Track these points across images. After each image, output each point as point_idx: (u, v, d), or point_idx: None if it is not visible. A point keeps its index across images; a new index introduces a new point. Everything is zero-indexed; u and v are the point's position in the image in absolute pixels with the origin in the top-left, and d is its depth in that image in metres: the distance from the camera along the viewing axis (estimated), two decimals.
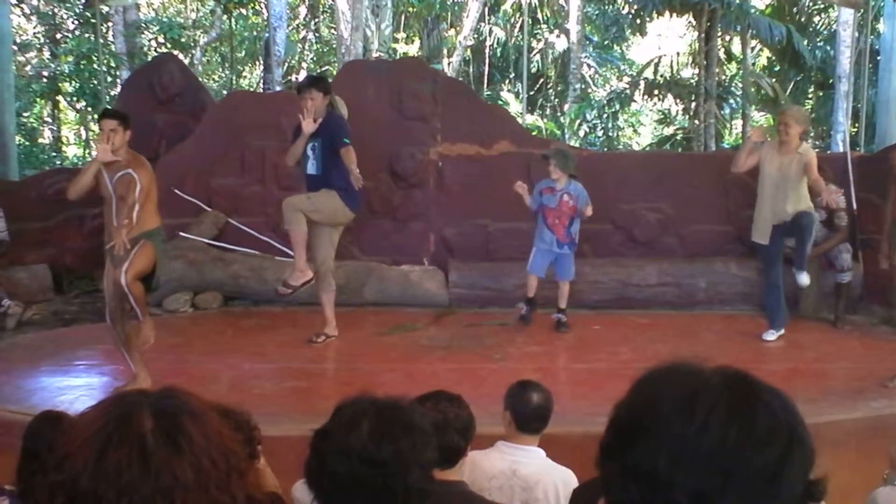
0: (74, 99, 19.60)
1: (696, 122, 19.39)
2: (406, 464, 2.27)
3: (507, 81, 26.64)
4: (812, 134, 23.15)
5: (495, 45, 26.01)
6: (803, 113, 9.60)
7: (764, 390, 1.30)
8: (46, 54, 20.53)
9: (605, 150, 20.52)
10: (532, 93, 24.80)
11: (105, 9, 15.64)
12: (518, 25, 24.90)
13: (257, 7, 21.70)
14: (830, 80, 19.99)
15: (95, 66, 16.48)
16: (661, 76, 22.09)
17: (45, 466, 1.39)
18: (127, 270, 6.40)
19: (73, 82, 18.65)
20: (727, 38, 22.16)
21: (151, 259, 6.65)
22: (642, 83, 22.09)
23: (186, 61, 17.21)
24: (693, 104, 20.07)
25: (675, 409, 1.26)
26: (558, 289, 8.92)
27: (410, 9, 23.31)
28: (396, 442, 2.27)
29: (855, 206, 9.51)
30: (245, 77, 25.21)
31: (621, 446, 1.30)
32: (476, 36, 24.62)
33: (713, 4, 17.90)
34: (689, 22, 21.19)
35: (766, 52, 23.95)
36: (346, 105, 8.46)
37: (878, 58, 17.27)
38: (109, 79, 17.20)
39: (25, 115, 20.19)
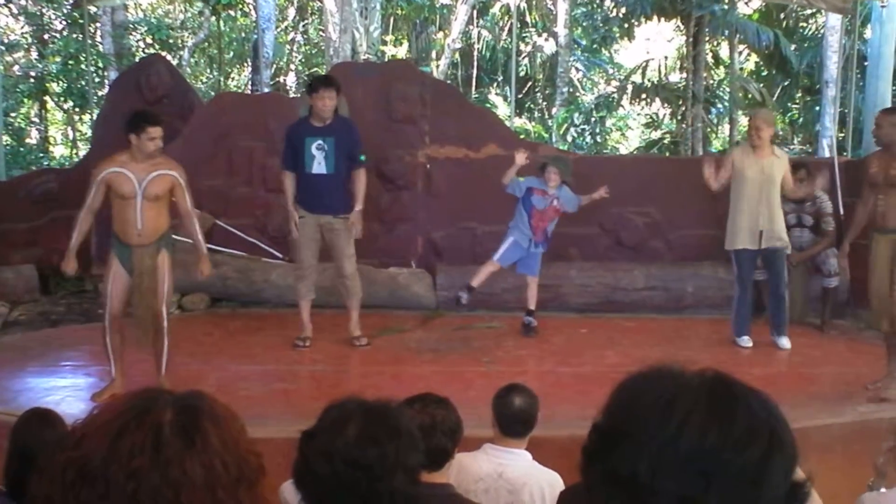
0: (62, 99, 19.54)
1: (684, 126, 19.46)
2: (391, 468, 2.28)
3: (495, 84, 26.63)
4: (799, 139, 23.28)
5: (483, 49, 25.99)
6: (772, 115, 9.75)
7: (744, 391, 1.30)
8: (34, 54, 20.45)
9: (593, 153, 20.53)
10: (520, 96, 24.78)
11: (93, 9, 15.62)
12: (506, 28, 24.90)
13: (245, 8, 21.67)
14: (818, 86, 20.03)
15: (83, 66, 16.43)
16: (649, 80, 22.13)
17: (40, 459, 1.41)
18: (164, 301, 6.67)
19: (61, 82, 18.59)
20: (715, 42, 22.23)
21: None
22: (630, 87, 22.13)
23: (174, 62, 17.16)
24: (681, 108, 20.13)
25: (654, 411, 1.26)
26: (527, 289, 8.90)
27: (399, 11, 23.30)
28: (381, 446, 2.28)
29: (842, 211, 9.56)
30: (233, 78, 25.16)
31: (602, 451, 1.30)
32: (464, 39, 24.60)
33: (700, 12, 17.96)
34: (677, 26, 21.28)
35: (754, 57, 23.99)
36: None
37: (866, 63, 17.34)
38: (97, 79, 17.16)
39: (13, 115, 20.09)
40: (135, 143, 6.44)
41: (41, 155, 20.35)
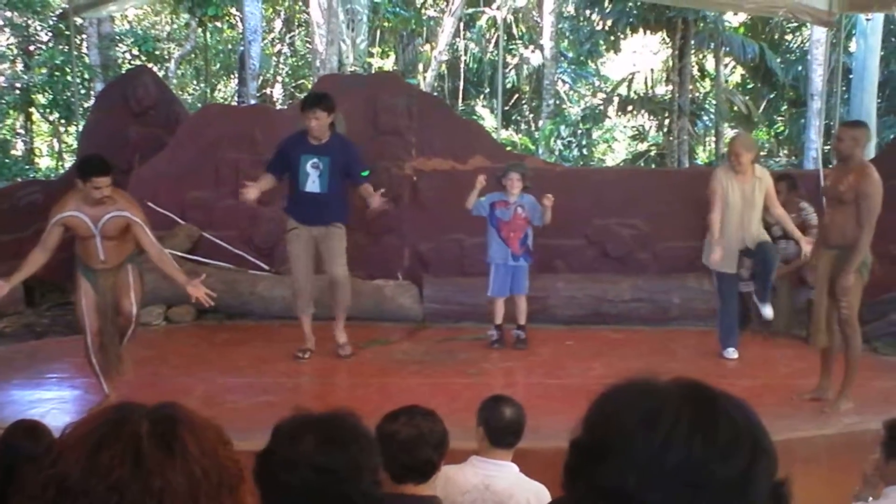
0: (47, 111, 19.48)
1: (670, 138, 19.51)
2: (358, 469, 2.30)
3: (481, 96, 26.65)
4: (785, 151, 23.37)
5: (470, 61, 26.01)
6: (751, 139, 9.77)
7: (723, 400, 1.30)
8: (20, 66, 20.38)
9: (580, 165, 20.58)
10: (507, 108, 24.81)
11: (79, 21, 15.57)
12: (493, 41, 24.93)
13: (232, 20, 21.64)
14: (803, 98, 20.13)
15: (69, 77, 16.40)
16: (635, 93, 22.22)
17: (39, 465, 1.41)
18: (136, 302, 6.59)
19: (47, 94, 18.52)
20: (701, 55, 22.32)
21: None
22: (616, 99, 22.21)
23: (161, 74, 17.11)
24: (667, 121, 20.19)
25: (639, 425, 1.26)
26: (515, 304, 8.91)
27: (386, 23, 23.29)
28: (346, 448, 2.30)
29: None
30: (219, 90, 25.12)
31: (587, 466, 1.30)
32: (451, 51, 24.61)
33: (688, 18, 18.02)
34: (663, 39, 21.35)
35: (740, 70, 24.10)
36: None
37: (851, 76, 17.45)
38: (83, 91, 17.11)
39: None
40: (81, 188, 6.31)
41: (27, 167, 20.30)
